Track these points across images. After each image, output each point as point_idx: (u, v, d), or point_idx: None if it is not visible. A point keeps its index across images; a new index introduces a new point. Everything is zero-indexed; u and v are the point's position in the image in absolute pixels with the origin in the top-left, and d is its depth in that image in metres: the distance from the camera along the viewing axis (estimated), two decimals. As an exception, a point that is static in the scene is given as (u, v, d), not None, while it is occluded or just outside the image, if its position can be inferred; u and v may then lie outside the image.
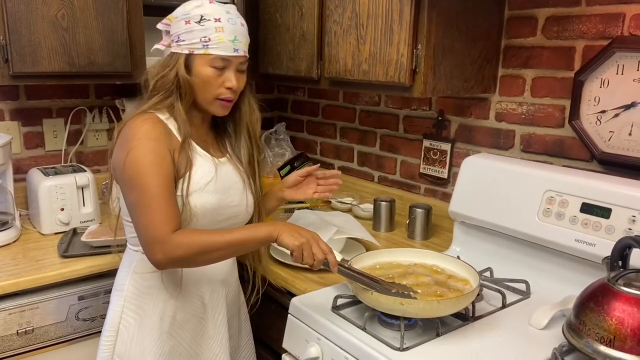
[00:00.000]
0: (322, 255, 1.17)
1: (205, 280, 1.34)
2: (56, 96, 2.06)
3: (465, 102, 1.81)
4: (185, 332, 1.33)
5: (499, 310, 1.29)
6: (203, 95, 1.25)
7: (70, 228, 1.79)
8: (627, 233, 1.23)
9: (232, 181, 1.32)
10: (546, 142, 1.60)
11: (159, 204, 1.14)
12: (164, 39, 1.29)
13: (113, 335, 1.29)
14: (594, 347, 1.01)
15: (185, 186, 1.21)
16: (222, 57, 1.22)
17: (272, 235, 1.18)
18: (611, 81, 1.42)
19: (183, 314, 1.32)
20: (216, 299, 1.36)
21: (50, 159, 2.08)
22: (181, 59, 1.22)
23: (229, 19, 1.23)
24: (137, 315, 1.28)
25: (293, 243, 1.16)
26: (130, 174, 1.16)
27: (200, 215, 1.24)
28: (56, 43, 1.68)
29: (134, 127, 1.19)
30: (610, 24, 1.42)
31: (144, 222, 1.15)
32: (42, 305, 1.51)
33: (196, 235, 1.15)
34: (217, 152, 1.34)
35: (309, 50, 1.82)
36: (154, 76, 1.25)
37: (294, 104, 2.59)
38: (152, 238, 1.14)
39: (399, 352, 1.10)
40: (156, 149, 1.17)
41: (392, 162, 2.13)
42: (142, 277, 1.29)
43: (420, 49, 1.48)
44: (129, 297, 1.29)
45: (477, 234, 1.58)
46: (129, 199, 1.19)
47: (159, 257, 1.14)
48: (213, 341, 1.36)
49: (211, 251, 1.16)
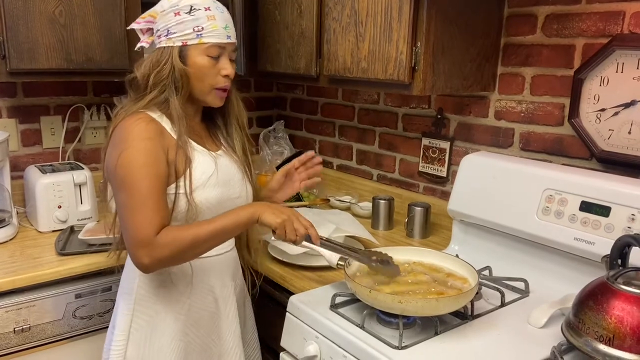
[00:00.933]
0: (304, 230, 1.20)
1: (215, 275, 1.33)
2: (54, 93, 2.05)
3: (465, 100, 1.81)
4: (199, 329, 1.32)
5: (498, 308, 1.29)
6: (200, 85, 1.25)
7: (68, 226, 1.78)
8: (627, 231, 1.22)
9: (232, 173, 1.32)
10: (545, 140, 1.60)
11: (146, 207, 1.14)
12: (144, 36, 1.28)
13: (124, 340, 1.27)
14: (593, 346, 1.01)
15: (187, 183, 1.21)
16: (217, 45, 1.22)
17: (254, 216, 1.19)
18: (611, 79, 1.41)
19: (196, 311, 1.31)
20: (227, 292, 1.36)
21: (48, 157, 2.07)
22: (174, 51, 1.21)
23: (217, 7, 1.24)
24: (149, 317, 1.27)
25: (275, 221, 1.18)
26: (121, 175, 1.16)
27: (206, 210, 1.24)
28: (54, 40, 1.68)
29: (126, 128, 1.18)
30: (610, 21, 1.41)
31: (130, 226, 1.14)
32: (39, 303, 1.50)
33: (180, 231, 1.15)
34: (213, 146, 1.34)
35: (308, 47, 1.81)
36: (146, 74, 1.22)
37: (293, 102, 2.59)
38: (137, 241, 1.13)
39: (398, 350, 1.10)
40: (149, 149, 1.17)
41: (391, 161, 2.12)
42: (150, 277, 1.27)
43: (419, 46, 1.47)
44: (139, 299, 1.27)
45: (476, 232, 1.58)
46: (118, 200, 1.18)
47: (145, 261, 1.13)
48: (227, 334, 1.36)
49: (198, 244, 1.16)
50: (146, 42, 1.28)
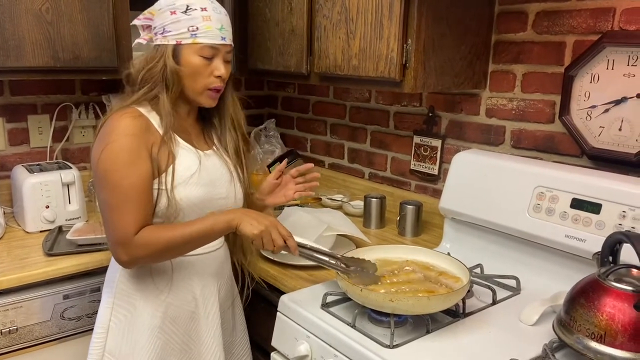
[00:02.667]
0: (282, 242, 1.20)
1: (196, 275, 1.32)
2: (41, 92, 2.02)
3: (456, 98, 1.80)
4: (177, 327, 1.31)
5: (490, 306, 1.29)
6: (192, 85, 1.24)
7: (56, 226, 1.76)
8: (618, 228, 1.22)
9: (219, 173, 1.31)
10: (536, 137, 1.60)
11: (126, 206, 1.15)
12: (144, 33, 1.28)
13: (104, 332, 1.28)
14: (585, 343, 1.01)
15: (169, 179, 1.20)
16: (210, 46, 1.22)
17: (232, 224, 1.19)
18: (601, 76, 1.41)
19: (174, 309, 1.30)
20: (208, 293, 1.35)
21: (36, 156, 2.04)
22: (168, 49, 1.21)
23: (214, 8, 1.23)
24: (128, 312, 1.28)
25: (252, 232, 1.18)
26: (103, 170, 1.16)
27: (187, 209, 1.23)
28: (40, 37, 1.65)
29: (113, 122, 1.18)
30: (600, 18, 1.41)
31: (111, 224, 1.17)
32: (27, 304, 1.48)
33: (157, 233, 1.17)
34: (203, 145, 1.33)
35: (299, 45, 1.80)
36: (139, 70, 1.23)
37: (284, 100, 2.57)
38: (116, 240, 1.17)
39: (389, 349, 1.09)
40: (133, 146, 1.16)
41: (383, 159, 2.12)
42: (130, 272, 1.28)
43: (410, 43, 1.46)
44: (119, 293, 1.28)
45: (467, 230, 1.58)
46: (100, 196, 1.19)
47: (123, 258, 1.18)
48: (206, 336, 1.35)
49: (172, 248, 1.19)
50: (144, 39, 1.28)
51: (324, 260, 1.27)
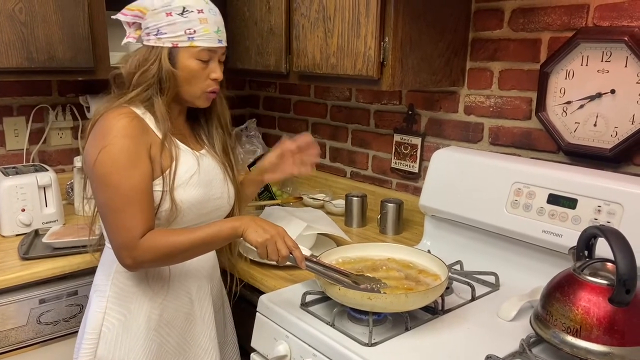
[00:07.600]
0: (287, 252, 1.16)
1: (192, 276, 1.31)
2: (17, 93, 1.99)
3: (435, 96, 1.81)
4: (173, 330, 1.30)
5: (469, 302, 1.29)
6: (190, 89, 1.23)
7: (32, 229, 1.73)
8: (593, 223, 1.23)
9: (214, 173, 1.31)
10: (514, 134, 1.61)
11: (129, 209, 1.13)
12: (131, 29, 1.25)
13: (94, 338, 1.24)
14: (561, 338, 1.01)
15: (169, 181, 1.19)
16: (208, 49, 1.20)
17: (238, 232, 1.17)
18: (576, 72, 1.42)
19: (170, 311, 1.29)
20: (203, 294, 1.34)
21: (12, 159, 2.01)
22: (164, 52, 1.19)
23: (210, 10, 1.22)
24: (122, 316, 1.25)
25: (257, 240, 1.15)
26: (102, 173, 1.13)
27: (186, 210, 1.22)
28: (14, 38, 1.62)
29: (109, 123, 1.15)
30: (574, 15, 1.42)
31: (114, 227, 1.15)
32: (2, 309, 1.45)
33: (163, 238, 1.15)
34: (196, 145, 1.32)
35: (277, 44, 1.79)
36: (132, 72, 1.20)
37: (266, 100, 2.56)
38: (121, 243, 1.14)
39: (368, 347, 1.09)
40: (131, 147, 1.14)
41: (364, 158, 2.12)
42: (125, 276, 1.25)
43: (387, 41, 1.46)
44: (112, 297, 1.25)
45: (447, 227, 1.58)
46: (99, 199, 1.16)
47: (128, 262, 1.15)
48: (202, 337, 1.34)
49: (178, 253, 1.17)
50: (133, 38, 1.25)
51: (333, 277, 1.18)
